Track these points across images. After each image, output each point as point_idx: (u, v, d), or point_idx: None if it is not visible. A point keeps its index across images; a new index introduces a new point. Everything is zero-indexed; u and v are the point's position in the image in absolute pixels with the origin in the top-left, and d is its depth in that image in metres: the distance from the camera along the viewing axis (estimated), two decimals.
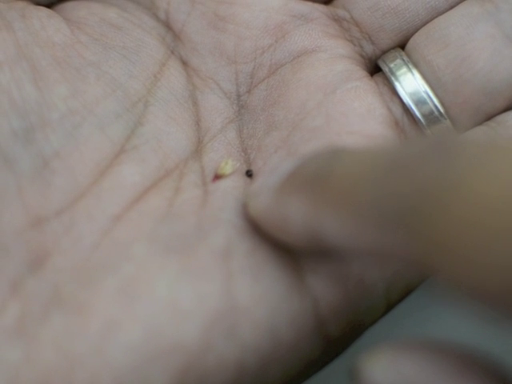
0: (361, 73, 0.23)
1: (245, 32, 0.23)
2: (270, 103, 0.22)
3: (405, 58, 0.23)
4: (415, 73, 0.22)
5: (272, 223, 0.19)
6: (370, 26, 0.23)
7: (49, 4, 0.23)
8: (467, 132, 0.22)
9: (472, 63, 0.22)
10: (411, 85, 0.22)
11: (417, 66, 0.22)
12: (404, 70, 0.22)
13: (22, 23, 0.21)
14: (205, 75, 0.23)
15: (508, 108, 0.22)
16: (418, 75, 0.22)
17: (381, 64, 0.23)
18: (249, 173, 0.22)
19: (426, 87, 0.22)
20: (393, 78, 0.22)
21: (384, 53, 0.23)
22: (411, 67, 0.22)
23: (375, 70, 0.23)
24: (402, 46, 0.23)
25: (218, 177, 0.21)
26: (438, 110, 0.22)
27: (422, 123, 0.22)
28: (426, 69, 0.22)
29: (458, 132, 0.22)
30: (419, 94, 0.22)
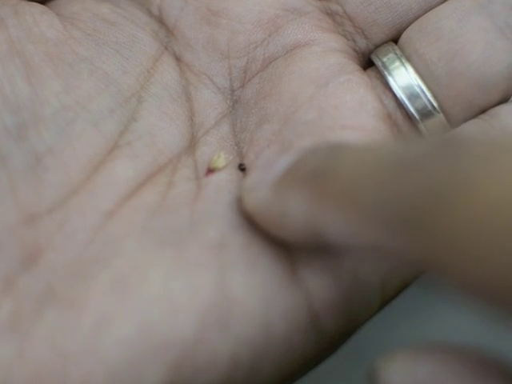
0: (353, 66, 0.23)
1: (238, 26, 0.23)
2: (263, 96, 0.22)
3: (398, 52, 0.23)
4: (408, 67, 0.22)
5: (269, 219, 0.19)
6: (362, 20, 0.23)
7: (42, 0, 0.23)
8: (461, 126, 0.22)
9: (465, 56, 0.22)
10: (404, 79, 0.22)
11: (410, 59, 0.22)
12: (397, 63, 0.22)
13: (15, 19, 0.21)
14: (198, 70, 0.23)
15: (501, 101, 0.22)
16: (410, 69, 0.22)
17: (374, 58, 0.23)
18: (241, 166, 0.21)
19: (418, 81, 0.22)
20: (386, 72, 0.22)
21: (377, 47, 0.23)
22: (404, 61, 0.22)
23: (368, 64, 0.23)
24: (395, 40, 0.23)
25: (210, 170, 0.21)
26: (431, 104, 0.22)
27: (415, 117, 0.22)
28: (419, 62, 0.22)
29: (452, 126, 0.22)
30: (412, 87, 0.22)
